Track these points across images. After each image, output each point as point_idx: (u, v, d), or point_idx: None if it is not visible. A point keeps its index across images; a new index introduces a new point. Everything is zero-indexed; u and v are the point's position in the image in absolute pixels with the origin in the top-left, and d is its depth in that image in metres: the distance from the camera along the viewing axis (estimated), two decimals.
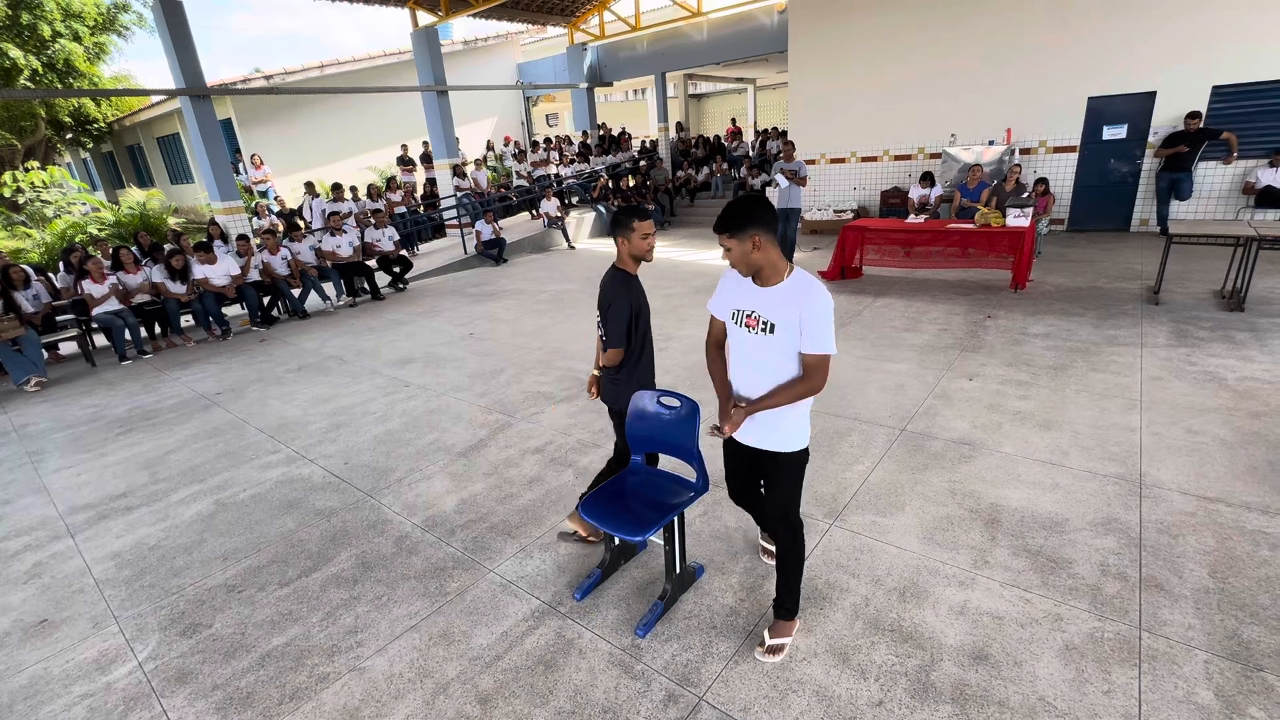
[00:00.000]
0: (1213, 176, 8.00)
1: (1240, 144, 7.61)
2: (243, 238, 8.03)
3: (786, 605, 2.21)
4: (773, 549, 2.56)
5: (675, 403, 2.51)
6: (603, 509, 2.42)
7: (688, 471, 2.55)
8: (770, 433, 2.07)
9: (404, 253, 9.73)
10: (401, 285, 9.29)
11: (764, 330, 1.98)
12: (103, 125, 18.65)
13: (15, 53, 14.09)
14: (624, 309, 2.50)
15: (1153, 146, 8.22)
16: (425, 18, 11.96)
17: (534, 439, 4.02)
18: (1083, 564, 2.51)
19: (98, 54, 16.49)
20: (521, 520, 3.15)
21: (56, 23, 14.72)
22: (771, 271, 1.96)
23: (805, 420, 2.08)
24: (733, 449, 2.27)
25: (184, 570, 2.98)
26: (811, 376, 1.95)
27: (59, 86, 15.39)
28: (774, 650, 2.18)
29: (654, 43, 14.72)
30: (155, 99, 15.08)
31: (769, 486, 2.17)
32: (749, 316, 2.01)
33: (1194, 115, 7.70)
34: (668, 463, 2.99)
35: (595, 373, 2.73)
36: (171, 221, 11.98)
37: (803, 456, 2.10)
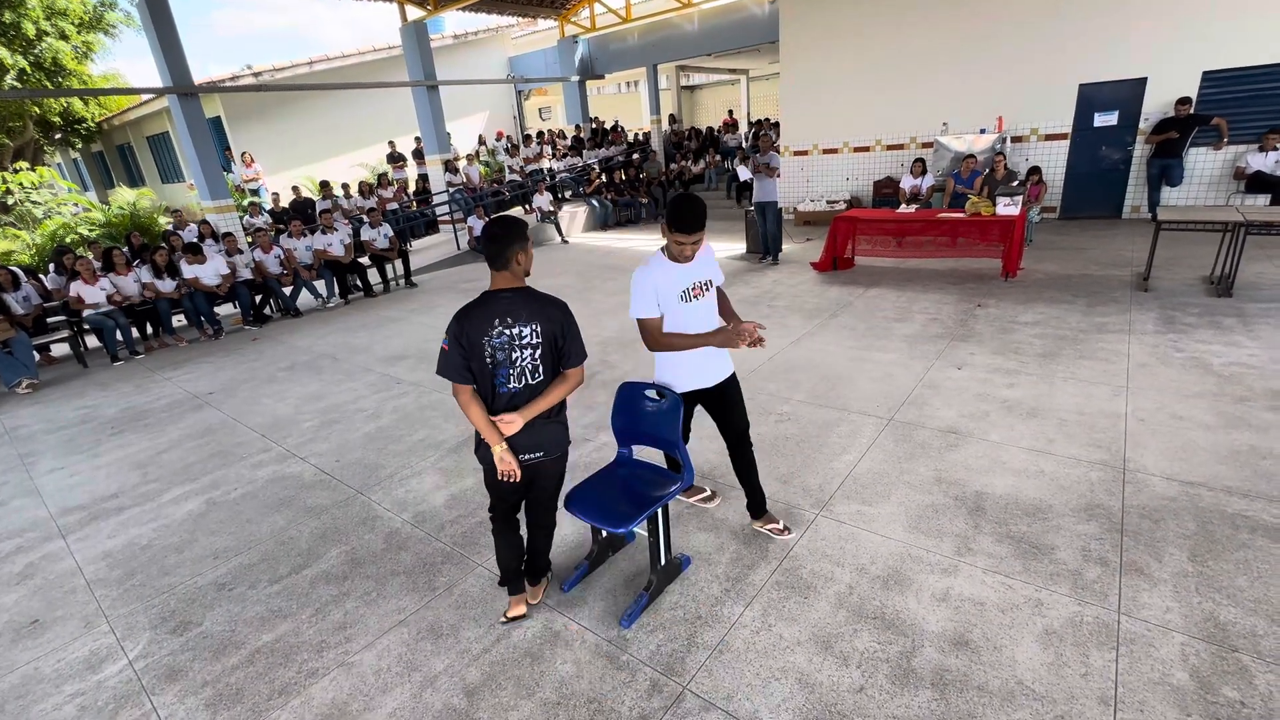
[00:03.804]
0: (1204, 162, 8.00)
1: (1231, 129, 7.60)
2: (229, 235, 8.00)
3: (760, 498, 2.79)
4: None
5: (658, 396, 2.53)
6: (587, 501, 2.44)
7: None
8: (729, 360, 2.63)
9: (406, 246, 9.72)
10: (412, 282, 9.25)
11: (706, 289, 2.48)
12: (92, 125, 18.51)
13: (2, 52, 13.97)
14: (574, 319, 2.22)
15: (1144, 133, 8.21)
16: (414, 12, 11.89)
17: None
18: (1064, 550, 2.54)
19: (85, 53, 16.35)
20: None
21: (40, 21, 14.57)
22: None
23: None
24: (698, 396, 2.63)
25: (175, 569, 3.00)
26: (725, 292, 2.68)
27: (47, 86, 15.27)
28: (788, 529, 2.77)
29: (645, 34, 14.64)
30: (145, 97, 14.97)
31: (735, 409, 2.64)
32: (695, 288, 2.44)
33: (1184, 101, 7.69)
34: (652, 455, 3.00)
35: (504, 445, 2.12)
36: (164, 221, 11.91)
37: None
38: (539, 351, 2.14)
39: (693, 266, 2.41)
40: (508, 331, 2.11)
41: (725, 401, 2.61)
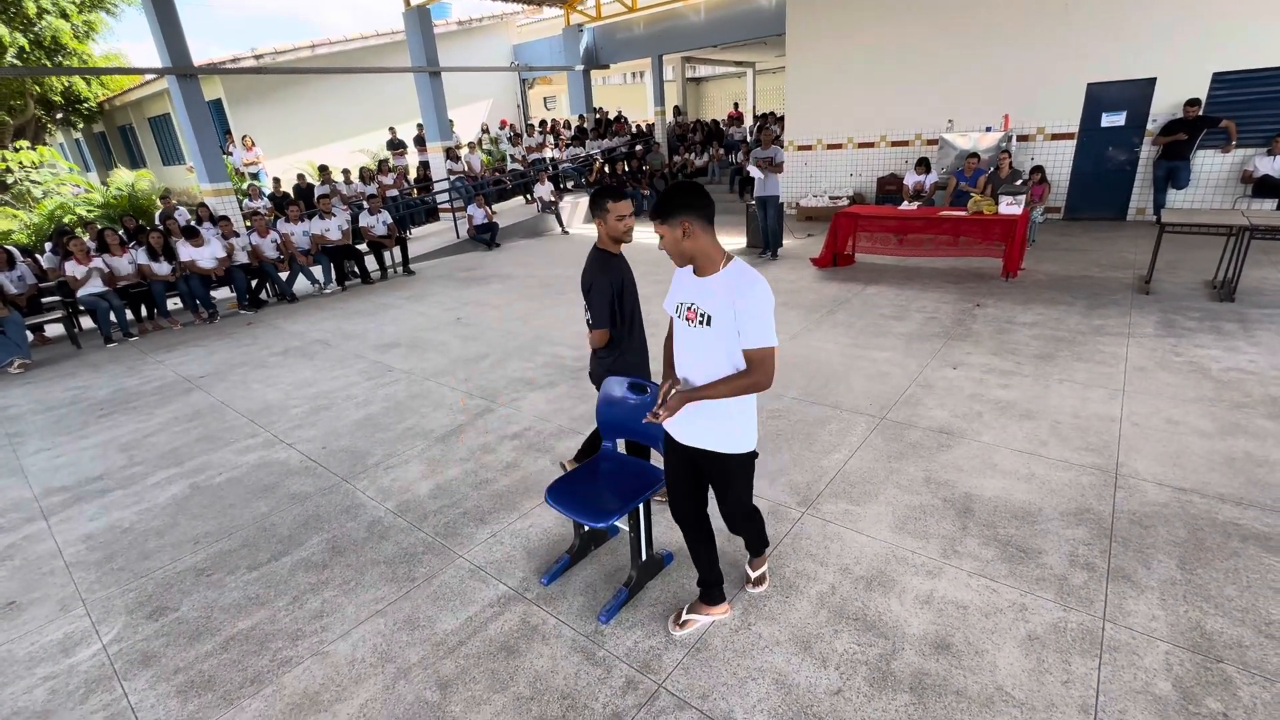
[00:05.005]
0: (1211, 165, 7.91)
1: (1239, 132, 7.51)
2: (224, 219, 7.94)
3: (760, 545, 2.39)
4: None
5: (643, 389, 2.49)
6: (569, 495, 2.40)
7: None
8: (711, 432, 1.96)
9: (404, 235, 9.70)
10: (410, 270, 9.21)
11: (701, 323, 1.88)
12: (93, 105, 18.41)
13: (1, 30, 13.87)
14: (604, 289, 2.56)
15: (1151, 134, 8.11)
16: None
17: (513, 424, 4.00)
18: (1052, 554, 2.50)
19: (87, 32, 16.23)
20: (495, 506, 3.14)
21: None
22: (706, 261, 1.88)
23: (752, 420, 1.99)
24: (673, 452, 2.11)
25: (154, 553, 2.98)
26: (754, 371, 1.82)
27: (47, 64, 15.16)
28: (761, 580, 2.43)
29: (651, 24, 14.49)
30: (146, 78, 14.86)
31: (719, 493, 2.11)
32: (689, 309, 1.93)
33: (1193, 102, 7.59)
34: None
35: None
36: (160, 203, 11.86)
37: (750, 459, 2.03)
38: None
39: (699, 283, 1.90)
40: None
41: (709, 476, 2.10)
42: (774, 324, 1.81)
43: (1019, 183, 7.48)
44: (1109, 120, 8.38)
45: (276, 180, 12.84)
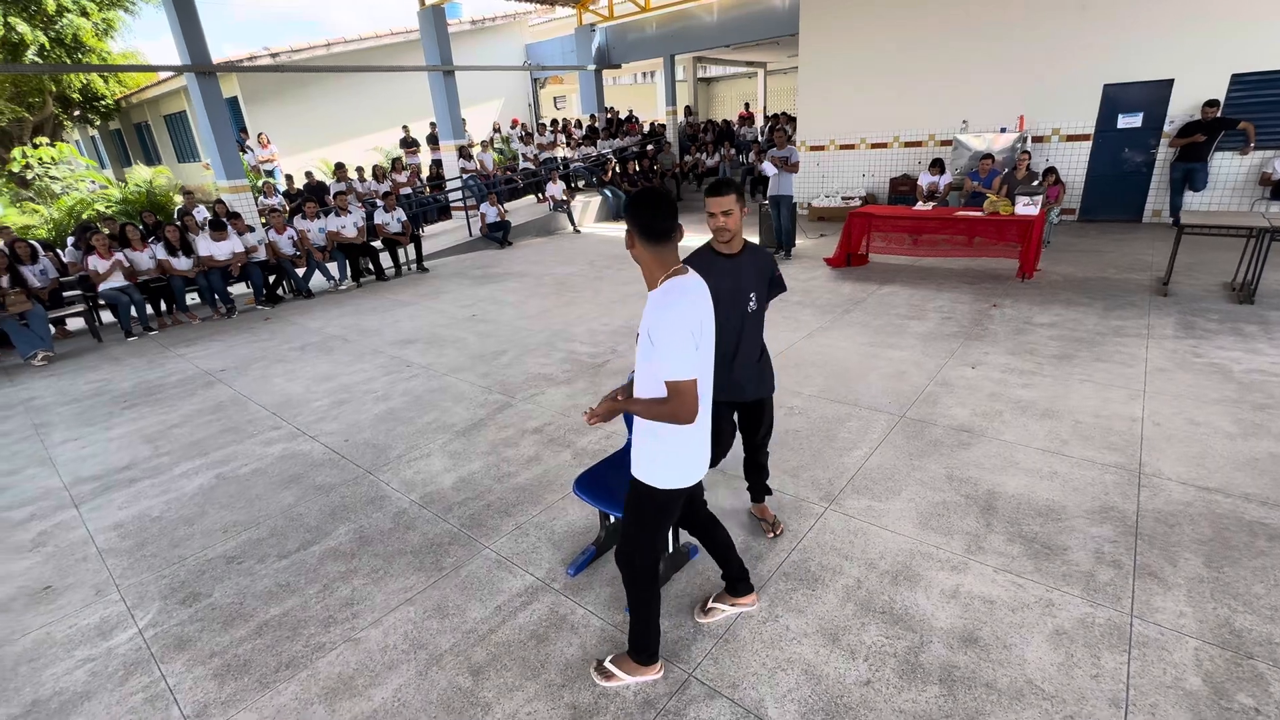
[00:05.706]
0: (1229, 167, 7.86)
1: (1258, 134, 7.46)
2: (235, 215, 8.02)
3: (629, 642, 2.04)
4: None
5: None
6: (597, 486, 2.43)
7: None
8: (633, 447, 1.89)
9: (418, 232, 9.78)
10: (424, 267, 9.27)
11: (636, 339, 1.80)
12: (111, 102, 18.62)
13: (23, 27, 14.05)
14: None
15: (1168, 136, 8.07)
16: None
17: (533, 419, 4.03)
18: (1077, 551, 2.51)
19: (105, 30, 16.42)
20: (518, 499, 3.17)
21: None
22: (647, 275, 1.77)
23: (664, 456, 1.81)
24: None
25: (185, 541, 3.02)
26: (669, 400, 1.67)
27: (66, 62, 15.34)
28: (603, 671, 2.06)
29: (663, 24, 14.52)
30: (163, 75, 15.02)
31: None
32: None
33: (1211, 104, 7.55)
34: None
35: None
36: (178, 199, 11.99)
37: (647, 492, 1.84)
38: None
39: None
40: None
41: None
42: (684, 355, 1.65)
43: (1035, 183, 7.46)
44: (1125, 121, 8.34)
45: (289, 177, 12.95)
